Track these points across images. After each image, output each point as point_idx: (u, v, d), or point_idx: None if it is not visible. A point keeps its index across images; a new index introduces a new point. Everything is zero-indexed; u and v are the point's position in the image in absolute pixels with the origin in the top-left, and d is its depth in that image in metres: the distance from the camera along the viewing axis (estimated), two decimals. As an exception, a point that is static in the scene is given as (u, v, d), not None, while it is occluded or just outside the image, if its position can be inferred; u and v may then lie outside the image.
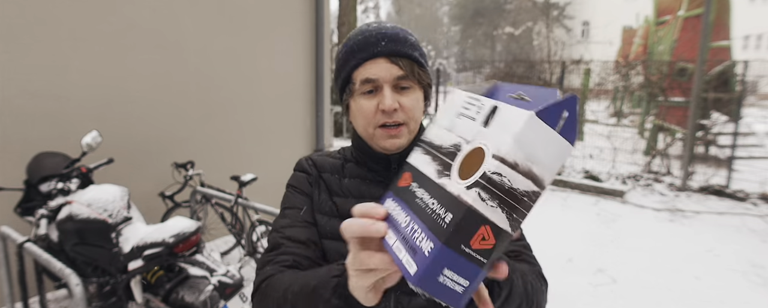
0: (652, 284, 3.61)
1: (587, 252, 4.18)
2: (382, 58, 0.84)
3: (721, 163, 6.77)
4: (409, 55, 0.85)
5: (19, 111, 2.93)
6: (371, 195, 0.93)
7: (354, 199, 0.93)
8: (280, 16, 4.55)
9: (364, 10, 29.59)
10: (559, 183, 6.66)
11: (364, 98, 0.87)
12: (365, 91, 0.86)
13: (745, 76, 6.58)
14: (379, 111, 0.85)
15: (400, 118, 0.86)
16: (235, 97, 4.24)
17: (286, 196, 1.00)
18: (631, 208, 5.68)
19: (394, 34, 0.86)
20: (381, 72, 0.84)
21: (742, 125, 7.04)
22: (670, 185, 6.53)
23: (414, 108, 0.87)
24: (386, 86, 0.85)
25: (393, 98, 0.84)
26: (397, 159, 0.93)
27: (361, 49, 0.86)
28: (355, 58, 0.86)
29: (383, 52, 0.84)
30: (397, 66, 0.84)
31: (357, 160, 0.97)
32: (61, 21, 3.06)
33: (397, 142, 0.88)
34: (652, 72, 8.14)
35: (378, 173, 0.95)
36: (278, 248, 0.89)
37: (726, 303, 3.35)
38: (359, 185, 0.95)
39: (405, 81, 0.85)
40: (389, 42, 0.85)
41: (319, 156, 1.01)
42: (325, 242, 0.95)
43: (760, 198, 5.86)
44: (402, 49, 0.85)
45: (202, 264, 2.27)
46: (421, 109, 0.90)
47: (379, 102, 0.84)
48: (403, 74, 0.85)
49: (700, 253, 4.21)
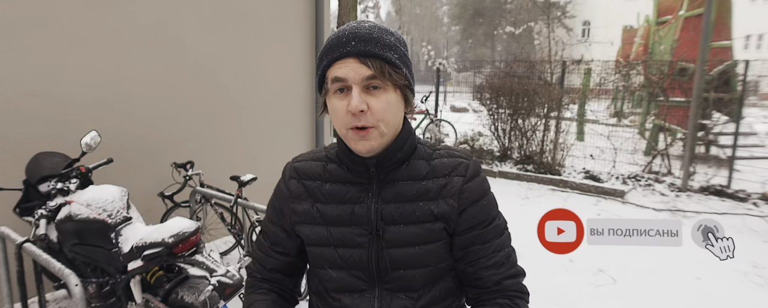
0: (652, 284, 3.60)
1: (588, 253, 4.17)
2: (351, 58, 0.84)
3: (722, 163, 6.75)
4: (379, 55, 0.84)
5: (18, 111, 2.92)
6: (351, 200, 0.94)
7: (335, 205, 0.95)
8: (280, 16, 4.54)
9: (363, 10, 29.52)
10: (560, 184, 6.65)
11: (336, 98, 0.87)
12: (336, 89, 0.86)
13: (746, 75, 6.56)
14: (348, 112, 0.85)
15: (369, 122, 0.85)
16: (235, 96, 4.23)
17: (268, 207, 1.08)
18: (631, 208, 5.67)
19: (367, 33, 0.85)
20: (349, 72, 0.84)
21: (743, 125, 7.02)
22: (671, 185, 6.52)
23: (383, 110, 0.85)
24: (355, 87, 0.84)
25: (360, 99, 0.83)
26: (374, 162, 0.92)
27: (333, 49, 0.86)
28: (327, 57, 0.86)
29: (352, 52, 0.84)
30: (365, 66, 0.83)
31: (340, 160, 0.97)
32: (60, 21, 3.05)
33: (368, 144, 0.87)
34: (653, 72, 8.12)
35: (359, 174, 0.95)
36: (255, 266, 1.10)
37: (727, 303, 3.34)
38: (340, 190, 0.96)
39: (374, 81, 0.84)
40: (359, 42, 0.84)
41: (302, 162, 1.03)
42: (311, 249, 0.99)
43: (761, 199, 5.84)
44: (371, 50, 0.84)
45: (201, 264, 2.26)
46: (396, 112, 0.89)
47: (349, 103, 0.84)
48: (372, 74, 0.83)
49: (700, 253, 4.19)
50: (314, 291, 1.06)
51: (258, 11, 4.32)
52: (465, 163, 0.96)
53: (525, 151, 7.62)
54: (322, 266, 0.98)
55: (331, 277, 0.98)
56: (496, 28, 33.21)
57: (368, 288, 0.97)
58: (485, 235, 0.97)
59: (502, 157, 7.85)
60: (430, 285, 0.98)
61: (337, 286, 0.98)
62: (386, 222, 0.93)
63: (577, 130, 8.73)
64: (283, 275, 1.07)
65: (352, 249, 0.94)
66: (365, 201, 0.94)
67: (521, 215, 3.13)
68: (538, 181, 6.89)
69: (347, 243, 0.95)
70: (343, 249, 0.95)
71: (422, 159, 0.97)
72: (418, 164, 0.96)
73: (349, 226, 0.94)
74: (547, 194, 6.33)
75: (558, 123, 7.22)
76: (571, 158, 7.51)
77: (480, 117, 8.49)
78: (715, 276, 3.75)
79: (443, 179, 0.95)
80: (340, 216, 0.94)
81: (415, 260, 0.94)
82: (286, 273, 1.07)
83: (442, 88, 14.23)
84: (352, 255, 0.95)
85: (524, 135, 7.57)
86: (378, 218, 0.93)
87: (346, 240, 0.95)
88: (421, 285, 0.97)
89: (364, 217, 0.93)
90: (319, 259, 0.99)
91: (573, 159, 7.55)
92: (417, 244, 0.94)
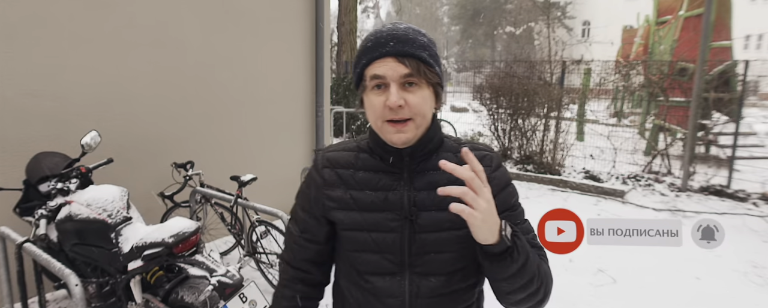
0: (652, 284, 3.60)
1: (588, 253, 4.17)
2: (390, 58, 0.91)
3: (721, 163, 6.75)
4: (416, 55, 0.91)
5: (18, 110, 2.93)
6: (384, 187, 1.02)
7: (368, 191, 1.02)
8: (279, 16, 4.54)
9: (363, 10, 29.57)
10: (560, 184, 6.65)
11: (374, 94, 0.94)
12: (374, 85, 0.93)
13: (746, 75, 6.56)
14: (386, 106, 0.91)
15: (406, 114, 0.92)
16: (235, 96, 4.23)
17: (298, 196, 1.14)
18: (631, 208, 5.67)
19: (404, 34, 0.92)
20: (388, 70, 0.91)
21: (743, 125, 7.02)
22: (671, 185, 6.52)
23: (420, 104, 0.93)
24: (393, 84, 0.91)
25: (398, 95, 0.90)
26: (408, 152, 1.00)
27: (372, 49, 0.93)
28: (366, 56, 0.94)
29: (391, 51, 0.91)
30: (403, 65, 0.90)
31: (371, 150, 1.04)
32: (60, 21, 3.06)
33: (403, 136, 0.94)
34: (653, 72, 8.12)
35: (392, 164, 1.02)
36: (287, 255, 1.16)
37: (727, 303, 3.34)
38: (372, 178, 1.02)
39: (411, 78, 0.91)
40: (397, 42, 0.91)
41: (334, 153, 1.09)
42: (345, 233, 1.06)
43: (761, 199, 5.84)
44: (409, 50, 0.91)
45: (201, 264, 2.27)
46: (430, 106, 0.96)
47: (386, 98, 0.91)
48: (409, 72, 0.90)
49: (700, 254, 4.20)
50: (344, 275, 1.12)
51: (258, 11, 4.32)
52: (489, 156, 1.05)
53: (525, 151, 7.63)
54: (356, 249, 1.05)
55: (363, 260, 1.04)
56: (496, 28, 33.24)
57: (399, 271, 1.02)
58: (515, 218, 1.04)
59: (502, 157, 7.85)
60: (457, 269, 1.03)
61: (369, 269, 1.04)
62: (419, 208, 1.00)
63: (577, 130, 8.73)
64: (312, 264, 1.14)
65: (384, 234, 1.01)
66: (398, 189, 1.01)
67: (521, 215, 3.13)
68: (538, 181, 6.89)
69: (380, 228, 1.01)
70: (376, 233, 1.01)
71: (449, 151, 1.04)
72: (446, 156, 1.02)
73: (382, 212, 1.01)
74: (547, 194, 6.33)
75: (558, 123, 7.23)
76: (571, 158, 7.51)
77: (480, 117, 8.49)
78: (715, 276, 3.75)
79: None
80: (374, 202, 1.01)
81: (445, 244, 1.00)
82: (316, 262, 1.14)
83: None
84: (384, 239, 1.01)
85: (524, 135, 7.58)
86: (411, 204, 1.00)
87: (379, 225, 1.01)
88: (449, 268, 1.02)
89: (397, 203, 1.00)
90: (352, 243, 1.05)
91: (573, 159, 7.55)
92: (448, 229, 0.99)
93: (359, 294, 1.07)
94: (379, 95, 0.92)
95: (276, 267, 3.29)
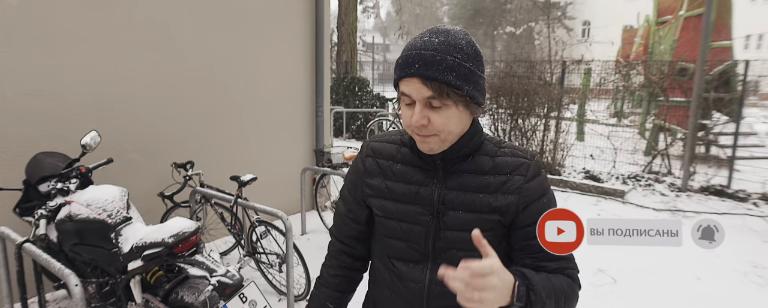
0: (652, 284, 3.60)
1: (588, 253, 4.17)
2: (416, 78, 0.93)
3: (722, 163, 6.75)
4: (439, 79, 0.91)
5: (18, 110, 2.92)
6: (417, 182, 1.07)
7: (403, 184, 1.08)
8: (280, 16, 4.54)
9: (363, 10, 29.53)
10: (560, 184, 6.65)
11: (405, 107, 0.99)
12: (406, 102, 0.97)
13: (746, 75, 6.56)
14: (412, 122, 0.96)
15: (429, 132, 0.97)
16: (235, 96, 4.23)
17: (345, 179, 1.23)
18: (631, 208, 5.67)
19: (432, 56, 0.92)
20: (413, 91, 0.94)
21: (743, 125, 7.01)
22: (671, 185, 6.52)
23: (443, 124, 0.96)
24: (418, 104, 0.94)
25: (421, 115, 0.94)
26: (440, 157, 1.04)
27: (402, 67, 0.95)
28: (397, 73, 0.97)
29: (415, 73, 0.92)
30: (426, 87, 0.92)
31: (412, 147, 1.08)
32: (60, 21, 3.05)
33: (427, 147, 1.00)
34: (653, 72, 8.12)
35: (428, 162, 1.06)
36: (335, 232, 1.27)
37: (727, 303, 3.34)
38: (409, 172, 1.08)
39: (435, 101, 0.93)
40: (422, 65, 0.92)
41: (379, 143, 1.15)
42: (379, 219, 1.13)
43: (761, 199, 5.84)
44: (432, 74, 0.91)
45: (201, 264, 2.26)
46: (459, 121, 0.98)
47: (412, 115, 0.95)
48: (432, 95, 0.92)
49: (700, 254, 4.20)
50: (377, 256, 1.20)
51: (258, 11, 4.32)
52: (527, 164, 1.05)
53: (525, 151, 7.61)
54: (387, 235, 1.13)
55: (392, 245, 1.12)
56: (496, 28, 33.23)
57: (422, 260, 1.09)
58: None
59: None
60: None
61: (396, 254, 1.12)
62: (447, 206, 1.04)
63: (577, 130, 8.73)
64: (356, 240, 1.23)
65: (412, 225, 1.07)
66: (430, 186, 1.06)
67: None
68: (538, 181, 6.88)
69: (409, 219, 1.07)
70: (405, 223, 1.08)
71: (487, 155, 1.06)
72: (482, 159, 1.05)
73: (413, 204, 1.07)
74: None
75: (558, 123, 7.22)
76: (571, 158, 7.50)
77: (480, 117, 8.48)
78: (715, 276, 3.75)
79: (504, 177, 1.04)
80: (406, 194, 1.07)
81: (468, 244, 1.01)
82: (359, 239, 1.23)
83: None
84: (412, 229, 1.07)
85: (524, 135, 7.57)
86: (440, 202, 1.04)
87: (408, 216, 1.07)
88: None
89: (427, 199, 1.05)
90: (384, 228, 1.13)
91: (573, 159, 7.55)
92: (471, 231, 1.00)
93: (387, 275, 1.15)
94: (408, 109, 0.97)
95: (276, 267, 3.29)
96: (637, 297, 3.40)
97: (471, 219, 1.03)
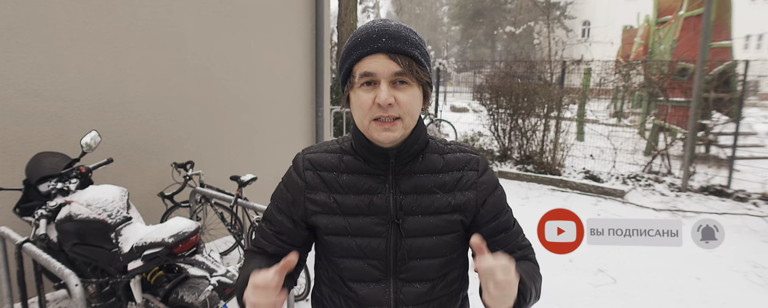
0: (652, 284, 3.60)
1: (588, 253, 4.17)
2: (382, 54, 0.87)
3: (721, 163, 6.76)
4: (408, 53, 0.88)
5: (18, 110, 2.92)
6: (369, 190, 0.97)
7: (353, 195, 0.98)
8: (280, 16, 4.54)
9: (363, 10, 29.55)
10: (560, 183, 6.65)
11: (362, 91, 0.90)
12: (363, 82, 0.89)
13: (746, 75, 6.56)
14: (375, 104, 0.88)
15: (395, 113, 0.89)
16: (235, 96, 4.23)
17: (274, 197, 1.08)
18: (631, 208, 5.66)
19: (396, 31, 0.88)
20: (379, 67, 0.87)
21: (743, 125, 7.02)
22: (671, 185, 6.52)
23: (409, 103, 0.89)
24: (383, 81, 0.88)
25: (389, 93, 0.87)
26: (394, 153, 0.96)
27: (363, 44, 0.88)
28: (356, 52, 0.89)
29: (383, 48, 0.87)
30: (395, 62, 0.87)
31: (356, 152, 0.99)
32: (59, 21, 3.05)
33: (391, 135, 0.91)
34: (653, 72, 8.12)
35: (376, 166, 0.97)
36: (258, 243, 1.08)
37: (727, 303, 3.34)
38: (357, 181, 0.98)
39: (402, 77, 0.88)
40: (389, 39, 0.87)
41: (315, 154, 1.03)
42: (329, 238, 1.00)
43: (761, 199, 5.84)
44: (401, 47, 0.87)
45: (201, 264, 2.26)
46: (418, 106, 0.93)
47: (376, 96, 0.87)
48: (401, 70, 0.87)
49: (700, 253, 4.20)
50: (326, 281, 1.07)
51: (258, 11, 4.32)
52: (476, 159, 1.03)
53: (525, 151, 7.62)
54: (339, 255, 1.01)
55: (347, 266, 1.00)
56: (496, 28, 33.22)
57: (384, 277, 0.99)
58: (506, 222, 1.04)
59: (502, 157, 7.85)
60: (442, 275, 1.02)
61: (353, 276, 1.00)
62: (405, 212, 0.97)
63: (577, 130, 8.73)
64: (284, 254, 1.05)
65: (369, 239, 0.98)
66: (383, 192, 0.97)
67: (521, 215, 3.11)
68: (538, 181, 6.89)
69: (365, 233, 0.98)
70: (361, 238, 0.98)
71: (436, 153, 1.01)
72: (432, 157, 1.00)
73: (367, 216, 0.97)
74: (547, 194, 6.33)
75: (558, 123, 7.22)
76: (571, 158, 7.50)
77: (480, 117, 8.49)
78: (715, 276, 3.75)
79: (458, 172, 1.00)
80: (359, 206, 0.97)
81: (432, 250, 0.99)
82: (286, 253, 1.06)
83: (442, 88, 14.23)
84: (369, 244, 0.98)
85: (524, 135, 7.57)
86: (397, 208, 0.97)
87: (364, 230, 0.97)
88: (435, 274, 1.01)
89: (382, 207, 0.97)
90: (336, 248, 1.00)
91: (573, 159, 7.55)
92: (434, 234, 0.98)
93: (341, 301, 1.03)
94: (368, 92, 0.89)
95: (276, 267, 3.29)
96: (637, 297, 3.40)
97: (433, 222, 0.97)
